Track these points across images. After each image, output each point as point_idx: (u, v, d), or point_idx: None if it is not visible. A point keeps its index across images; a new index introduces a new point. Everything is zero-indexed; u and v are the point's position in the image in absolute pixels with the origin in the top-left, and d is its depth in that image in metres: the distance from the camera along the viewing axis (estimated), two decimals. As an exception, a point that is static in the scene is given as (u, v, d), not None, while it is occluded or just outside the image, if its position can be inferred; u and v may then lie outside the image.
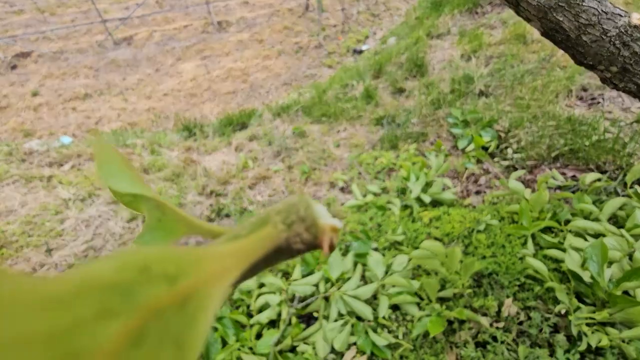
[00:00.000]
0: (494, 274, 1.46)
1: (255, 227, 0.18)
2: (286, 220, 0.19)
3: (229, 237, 0.19)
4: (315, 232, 0.19)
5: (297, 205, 0.19)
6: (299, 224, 0.19)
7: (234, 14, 6.85)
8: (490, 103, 2.63)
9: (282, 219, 0.19)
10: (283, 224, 0.19)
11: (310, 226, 0.19)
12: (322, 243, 0.19)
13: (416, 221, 1.82)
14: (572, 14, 0.52)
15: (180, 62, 5.70)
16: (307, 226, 0.19)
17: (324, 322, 1.39)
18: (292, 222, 0.19)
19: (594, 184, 1.69)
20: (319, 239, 0.19)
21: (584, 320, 1.20)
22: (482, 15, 4.00)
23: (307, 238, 0.19)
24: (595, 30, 0.51)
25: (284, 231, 0.18)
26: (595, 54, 0.52)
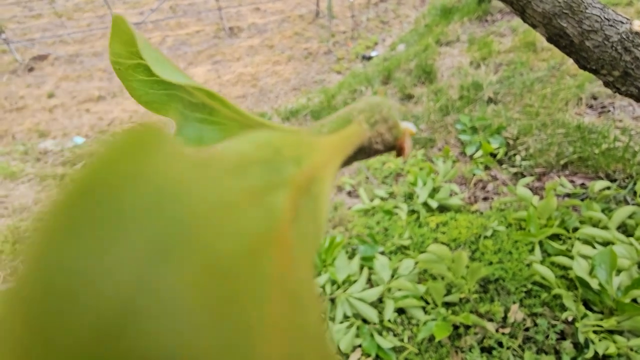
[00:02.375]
0: (500, 279, 1.46)
1: (338, 125, 0.17)
2: (370, 120, 0.18)
3: (313, 132, 0.17)
4: (396, 134, 0.18)
5: (380, 106, 0.18)
6: (381, 124, 0.18)
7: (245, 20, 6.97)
8: (499, 110, 2.63)
9: (366, 118, 0.18)
10: (367, 123, 0.18)
11: (392, 127, 0.18)
12: (403, 145, 0.18)
13: (423, 226, 1.82)
14: (576, 21, 0.54)
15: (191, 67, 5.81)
16: (389, 127, 0.18)
17: (329, 323, 1.40)
18: (375, 122, 0.18)
19: (603, 192, 1.68)
20: (399, 140, 0.18)
21: (591, 328, 1.19)
22: (491, 23, 4.02)
23: (387, 139, 0.18)
24: (598, 36, 0.53)
25: (368, 130, 0.18)
26: (598, 59, 0.54)
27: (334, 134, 0.16)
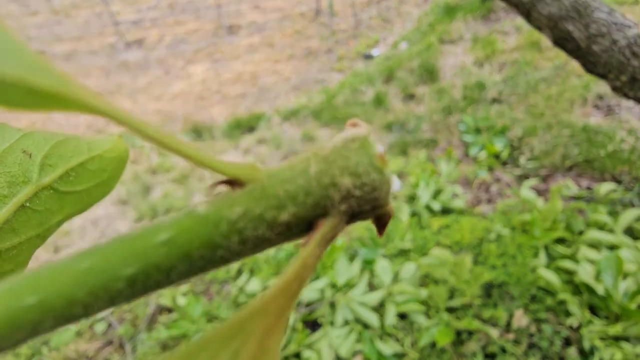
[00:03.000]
0: (504, 284, 1.46)
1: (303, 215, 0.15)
2: (356, 209, 0.15)
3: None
4: (381, 212, 0.15)
5: (377, 187, 0.15)
6: (368, 212, 0.15)
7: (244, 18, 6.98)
8: (503, 110, 2.63)
9: (349, 207, 0.15)
10: (347, 213, 0.15)
11: (378, 211, 0.15)
12: (387, 221, 0.16)
13: (425, 229, 1.82)
14: (583, 25, 0.54)
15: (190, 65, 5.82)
16: (374, 213, 0.15)
17: (329, 328, 1.40)
18: (361, 212, 0.15)
19: (609, 194, 1.68)
20: (383, 218, 0.16)
21: (596, 334, 1.19)
22: (495, 21, 4.01)
23: (364, 219, 0.15)
24: (605, 40, 0.53)
25: (345, 222, 0.15)
26: (605, 63, 0.54)
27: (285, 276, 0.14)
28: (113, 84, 5.57)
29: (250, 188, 0.15)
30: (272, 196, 0.14)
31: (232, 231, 0.14)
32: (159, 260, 0.14)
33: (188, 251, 0.14)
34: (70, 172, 0.25)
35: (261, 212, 0.14)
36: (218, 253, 0.14)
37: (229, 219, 0.14)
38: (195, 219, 0.14)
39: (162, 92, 5.24)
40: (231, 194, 0.15)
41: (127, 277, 0.13)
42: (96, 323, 1.76)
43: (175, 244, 0.14)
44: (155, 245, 0.14)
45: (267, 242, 0.15)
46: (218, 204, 0.14)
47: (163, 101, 4.97)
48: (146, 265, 0.14)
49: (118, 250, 0.14)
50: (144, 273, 0.14)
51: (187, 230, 0.14)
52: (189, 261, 0.14)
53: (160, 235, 0.14)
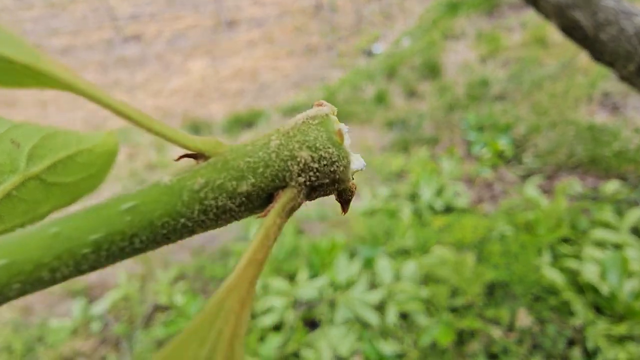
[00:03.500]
0: (507, 283, 1.46)
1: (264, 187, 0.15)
2: (314, 181, 0.15)
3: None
4: (343, 186, 0.16)
5: (335, 161, 0.15)
6: (328, 187, 0.16)
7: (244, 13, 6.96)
8: (507, 108, 2.63)
9: (308, 179, 0.15)
10: (306, 185, 0.15)
11: (339, 186, 0.16)
12: (349, 198, 0.17)
13: (426, 227, 1.82)
14: (590, 13, 0.54)
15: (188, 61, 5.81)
16: (335, 188, 0.16)
17: (329, 327, 1.40)
18: (320, 185, 0.15)
19: (615, 193, 1.67)
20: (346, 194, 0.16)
21: (601, 334, 1.18)
22: (499, 17, 4.00)
23: (326, 194, 0.16)
24: (613, 28, 0.52)
25: (304, 196, 0.15)
26: (612, 52, 0.53)
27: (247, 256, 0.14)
28: (110, 79, 5.56)
29: (213, 160, 0.15)
30: (233, 168, 0.15)
31: (194, 200, 0.15)
32: (122, 227, 0.14)
33: (151, 219, 0.14)
34: (58, 164, 0.25)
35: (222, 182, 0.15)
36: (181, 221, 0.15)
37: (191, 189, 0.15)
38: (159, 189, 0.15)
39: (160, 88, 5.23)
40: (195, 166, 0.16)
41: (92, 243, 0.14)
42: (92, 321, 1.76)
43: (139, 212, 0.14)
44: (120, 213, 0.14)
45: (229, 213, 0.15)
46: (181, 175, 0.15)
47: (161, 97, 4.96)
48: (110, 232, 0.14)
49: (85, 217, 0.14)
50: (109, 239, 0.14)
51: (150, 200, 0.15)
52: (152, 229, 0.15)
53: (125, 204, 0.15)
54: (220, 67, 5.35)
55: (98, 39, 6.53)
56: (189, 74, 5.50)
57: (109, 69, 5.67)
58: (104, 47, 6.37)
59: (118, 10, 7.52)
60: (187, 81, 5.27)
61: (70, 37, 6.74)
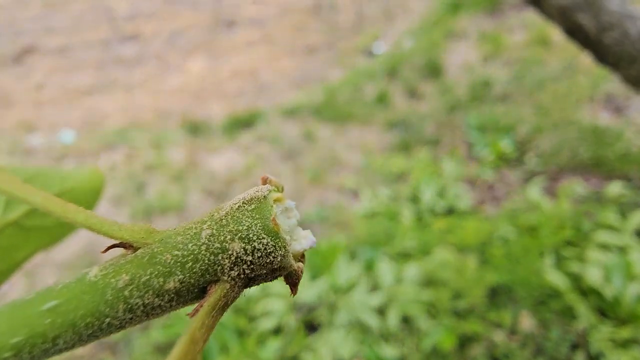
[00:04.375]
0: (509, 286, 1.46)
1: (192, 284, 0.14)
2: (249, 274, 0.15)
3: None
4: (285, 272, 0.15)
5: (270, 252, 0.15)
6: (267, 276, 0.15)
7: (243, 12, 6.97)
8: (509, 109, 2.63)
9: (241, 272, 0.14)
10: (240, 278, 0.15)
11: (280, 273, 0.15)
12: (296, 282, 0.16)
13: (428, 229, 1.82)
14: (593, 15, 0.54)
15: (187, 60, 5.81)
16: (275, 276, 0.15)
17: (329, 330, 1.40)
18: (258, 275, 0.15)
19: (618, 195, 1.68)
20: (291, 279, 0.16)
21: (604, 338, 1.19)
22: (501, 17, 4.01)
23: (267, 281, 0.16)
24: (616, 32, 0.53)
25: (240, 287, 0.15)
26: (616, 55, 0.54)
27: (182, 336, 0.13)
28: (108, 78, 5.56)
29: (140, 253, 0.15)
30: (159, 263, 0.14)
31: (117, 299, 0.14)
32: (44, 329, 0.13)
33: (73, 320, 0.14)
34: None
35: (148, 279, 0.14)
36: (105, 321, 0.14)
37: (115, 287, 0.14)
38: (83, 287, 0.14)
39: (158, 88, 5.23)
40: (120, 260, 0.15)
41: (13, 346, 0.13)
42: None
43: (60, 312, 0.14)
44: (41, 314, 0.14)
45: (158, 309, 0.15)
46: (107, 270, 0.14)
47: (159, 96, 4.96)
48: (32, 334, 0.13)
49: (6, 318, 0.13)
50: (30, 342, 0.13)
51: (73, 298, 0.14)
52: (74, 330, 0.14)
53: (47, 303, 0.14)
54: (220, 66, 5.35)
55: (95, 38, 6.53)
56: (187, 73, 5.50)
57: (106, 68, 5.67)
58: (102, 46, 6.37)
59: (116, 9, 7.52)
60: (186, 81, 5.27)
61: (67, 36, 6.74)
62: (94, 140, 3.55)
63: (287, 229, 0.15)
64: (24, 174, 0.25)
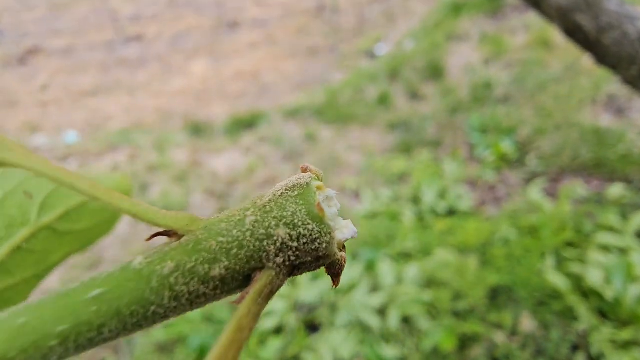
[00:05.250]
0: (510, 287, 1.46)
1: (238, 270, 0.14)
2: (294, 261, 0.14)
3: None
4: (328, 261, 0.15)
5: (316, 238, 0.14)
6: (312, 264, 0.15)
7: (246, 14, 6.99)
8: (511, 110, 2.63)
9: (287, 259, 0.14)
10: (285, 265, 0.14)
11: (324, 262, 0.15)
12: (339, 272, 0.16)
13: (429, 230, 1.82)
14: (592, 16, 0.54)
15: (190, 62, 5.83)
16: (320, 264, 0.15)
17: (329, 330, 1.40)
18: (303, 263, 0.15)
19: (619, 197, 1.67)
20: (333, 268, 0.15)
21: (605, 339, 1.18)
22: (503, 18, 4.01)
23: (310, 270, 0.15)
24: (615, 32, 0.53)
25: (285, 275, 0.15)
26: (615, 56, 0.54)
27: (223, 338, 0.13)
28: (111, 79, 5.59)
29: (185, 241, 0.15)
30: (205, 250, 0.14)
31: (163, 286, 0.14)
32: (89, 317, 0.13)
33: (118, 308, 0.14)
34: (71, 212, 0.25)
35: (193, 266, 0.14)
36: (151, 309, 0.14)
37: (160, 274, 0.14)
38: (128, 274, 0.14)
39: (161, 89, 5.26)
40: (165, 248, 0.15)
41: (59, 334, 0.13)
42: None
43: (106, 300, 0.14)
44: (86, 302, 0.14)
45: (203, 297, 0.14)
46: (152, 257, 0.14)
47: (162, 98, 4.98)
48: (78, 322, 0.13)
49: (52, 307, 0.14)
50: (76, 330, 0.13)
51: (118, 286, 0.14)
52: (120, 318, 0.14)
53: (92, 291, 0.14)
54: (222, 68, 5.37)
55: (99, 39, 6.57)
56: (190, 75, 5.52)
57: (109, 70, 5.70)
58: (105, 48, 6.40)
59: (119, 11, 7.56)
60: (189, 82, 5.30)
61: (71, 37, 6.78)
62: (97, 141, 3.57)
63: (330, 217, 0.15)
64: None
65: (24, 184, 0.25)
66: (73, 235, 0.26)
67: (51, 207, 0.25)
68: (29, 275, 0.24)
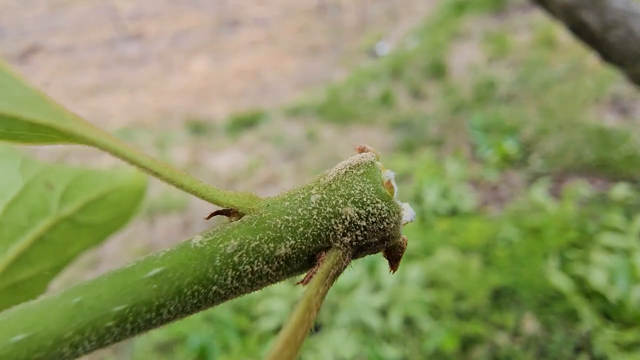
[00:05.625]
0: (513, 288, 1.45)
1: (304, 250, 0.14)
2: (362, 241, 0.14)
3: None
4: (392, 243, 0.15)
5: (385, 217, 0.14)
6: (377, 245, 0.14)
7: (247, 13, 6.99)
8: (514, 110, 2.62)
9: (354, 239, 0.14)
10: (352, 246, 0.14)
11: (388, 243, 0.15)
12: (400, 254, 0.15)
13: (431, 230, 1.82)
14: (598, 14, 0.54)
15: (190, 60, 5.84)
16: (384, 246, 0.15)
17: (330, 330, 1.40)
18: (368, 245, 0.14)
19: (623, 197, 1.67)
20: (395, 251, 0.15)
21: (608, 341, 1.18)
22: (506, 17, 4.00)
23: (373, 252, 0.15)
24: (621, 29, 0.53)
25: (350, 256, 0.14)
26: (620, 53, 0.54)
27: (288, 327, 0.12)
28: (112, 78, 5.60)
29: (248, 219, 0.14)
30: (269, 228, 0.14)
31: (226, 265, 0.14)
32: (149, 296, 0.13)
33: (179, 287, 0.13)
34: (90, 204, 0.26)
35: (258, 244, 0.14)
36: (212, 289, 0.14)
37: (223, 253, 0.14)
38: (189, 253, 0.14)
39: (161, 88, 5.26)
40: (227, 226, 0.14)
41: (116, 314, 0.13)
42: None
43: (167, 279, 0.13)
44: (146, 280, 0.13)
45: (266, 278, 0.14)
46: (213, 236, 0.14)
47: (163, 96, 4.99)
48: (136, 302, 0.13)
49: (109, 285, 0.13)
50: (134, 310, 0.13)
51: (179, 265, 0.13)
52: (180, 298, 0.13)
53: (152, 270, 0.13)
54: (223, 66, 5.37)
55: (100, 38, 6.58)
56: (191, 73, 5.53)
57: (110, 68, 5.71)
58: (106, 46, 6.41)
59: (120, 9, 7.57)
60: (189, 81, 5.30)
61: (71, 36, 6.79)
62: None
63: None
64: (74, 174, 0.26)
65: (45, 174, 0.25)
66: (91, 228, 0.26)
67: (71, 198, 0.25)
68: (48, 266, 0.24)
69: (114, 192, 0.27)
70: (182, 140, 3.25)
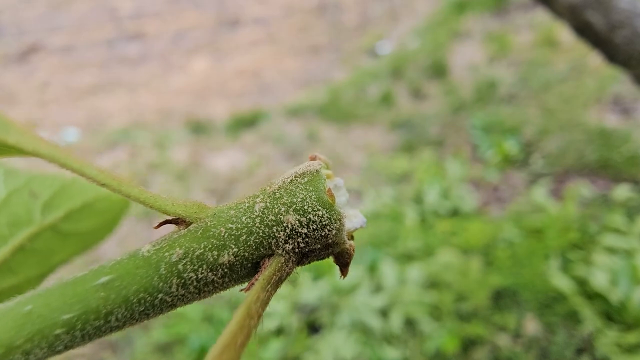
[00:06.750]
0: (514, 289, 1.45)
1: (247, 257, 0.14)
2: (304, 248, 0.14)
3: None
4: (337, 249, 0.15)
5: (326, 225, 0.14)
6: (321, 251, 0.15)
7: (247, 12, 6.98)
8: (515, 110, 2.62)
9: (296, 246, 0.14)
10: (295, 253, 0.14)
11: (333, 250, 0.15)
12: (348, 261, 0.16)
13: (432, 231, 1.81)
14: (603, 14, 0.54)
15: (190, 59, 5.83)
16: (329, 252, 0.15)
17: (331, 331, 1.39)
18: (312, 251, 0.15)
19: (625, 198, 1.66)
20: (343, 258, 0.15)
21: (610, 343, 1.17)
22: (508, 17, 4.00)
23: (319, 259, 0.15)
24: (626, 30, 0.53)
25: (294, 262, 0.15)
26: (625, 54, 0.54)
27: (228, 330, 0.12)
28: (112, 77, 5.59)
29: (194, 228, 0.14)
30: (213, 236, 0.14)
31: (171, 274, 0.14)
32: (97, 304, 0.13)
33: (126, 295, 0.14)
34: (74, 213, 0.26)
35: (202, 253, 0.14)
36: (158, 297, 0.14)
37: (168, 261, 0.14)
38: (136, 262, 0.14)
39: (161, 87, 5.26)
40: (174, 235, 0.15)
41: (64, 322, 0.13)
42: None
43: (114, 288, 0.14)
44: (94, 288, 0.14)
45: (212, 285, 0.14)
46: (160, 245, 0.14)
47: (163, 96, 4.98)
48: (85, 310, 0.13)
49: (59, 294, 0.13)
50: (82, 318, 0.13)
51: (126, 274, 0.14)
52: (127, 305, 0.14)
53: (100, 278, 0.14)
54: (223, 66, 5.37)
55: (100, 37, 6.57)
56: (191, 72, 5.52)
57: (110, 68, 5.71)
58: (106, 46, 6.41)
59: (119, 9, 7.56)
60: (190, 80, 5.29)
61: (71, 35, 6.79)
62: (97, 139, 3.58)
63: (339, 205, 0.15)
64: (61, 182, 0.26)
65: (30, 183, 0.25)
66: (76, 237, 0.26)
67: (55, 207, 0.25)
68: (32, 274, 0.24)
69: (100, 200, 0.27)
70: (182, 140, 3.24)
